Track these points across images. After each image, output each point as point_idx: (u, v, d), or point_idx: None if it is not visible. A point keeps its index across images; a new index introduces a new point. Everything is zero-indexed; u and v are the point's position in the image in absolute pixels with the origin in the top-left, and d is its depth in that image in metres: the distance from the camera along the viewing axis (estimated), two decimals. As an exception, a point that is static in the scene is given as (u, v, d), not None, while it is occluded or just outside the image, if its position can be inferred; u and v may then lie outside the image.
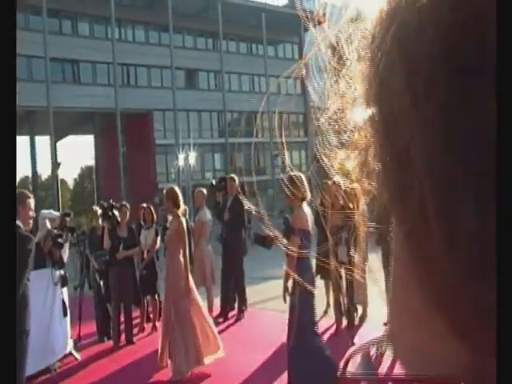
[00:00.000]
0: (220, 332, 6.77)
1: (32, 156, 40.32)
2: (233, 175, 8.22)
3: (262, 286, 8.84)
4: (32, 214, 4.49)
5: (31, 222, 4.52)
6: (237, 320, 7.97)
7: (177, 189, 5.80)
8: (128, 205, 7.73)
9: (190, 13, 38.59)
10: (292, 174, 0.98)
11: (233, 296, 8.26)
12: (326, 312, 7.48)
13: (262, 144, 45.04)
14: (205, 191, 8.02)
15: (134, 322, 7.66)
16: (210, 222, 8.00)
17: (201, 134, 40.95)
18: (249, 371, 5.49)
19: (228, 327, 7.70)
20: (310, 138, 48.53)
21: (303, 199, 4.54)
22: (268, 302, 8.42)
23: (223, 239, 8.18)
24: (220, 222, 8.30)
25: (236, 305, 8.22)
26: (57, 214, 6.80)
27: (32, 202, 4.44)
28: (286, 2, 54.92)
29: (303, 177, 3.86)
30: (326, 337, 6.47)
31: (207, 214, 7.93)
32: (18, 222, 3.93)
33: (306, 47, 47.68)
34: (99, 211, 7.77)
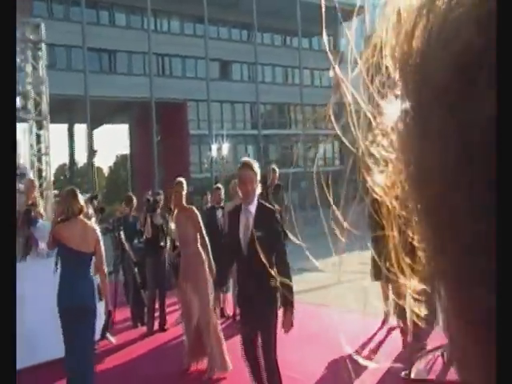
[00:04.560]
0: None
1: (70, 144, 41.19)
2: (274, 166, 8.55)
3: (296, 278, 8.85)
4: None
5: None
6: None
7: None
8: (162, 194, 7.85)
9: (225, 4, 38.61)
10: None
11: None
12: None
13: (295, 136, 44.90)
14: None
15: (168, 309, 7.80)
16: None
17: (234, 125, 41.06)
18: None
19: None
20: (344, 131, 48.07)
21: None
22: (302, 295, 8.44)
23: None
24: None
25: None
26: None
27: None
28: (322, -7, 54.40)
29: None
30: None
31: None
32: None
33: (341, 40, 47.37)
34: (134, 199, 7.91)
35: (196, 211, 5.85)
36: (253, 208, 3.85)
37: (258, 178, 3.88)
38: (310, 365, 5.42)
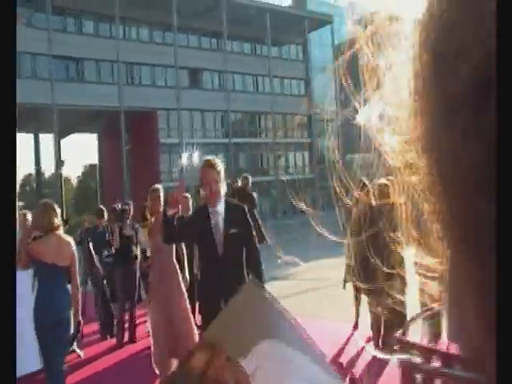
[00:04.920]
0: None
1: (36, 153, 40.43)
2: (246, 175, 9.18)
3: (268, 287, 8.88)
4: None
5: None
6: None
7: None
8: (131, 203, 7.76)
9: (195, 12, 38.62)
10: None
11: None
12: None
13: (266, 144, 45.08)
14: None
15: (137, 320, 7.68)
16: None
17: (204, 134, 41.00)
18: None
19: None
20: (313, 140, 48.52)
21: None
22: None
23: None
24: None
25: None
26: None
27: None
28: (290, 2, 54.98)
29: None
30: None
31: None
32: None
33: (309, 48, 47.88)
34: (104, 210, 7.79)
35: None
36: (220, 208, 3.66)
37: (222, 176, 3.69)
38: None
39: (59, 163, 34.46)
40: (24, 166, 61.27)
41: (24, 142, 38.82)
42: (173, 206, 3.63)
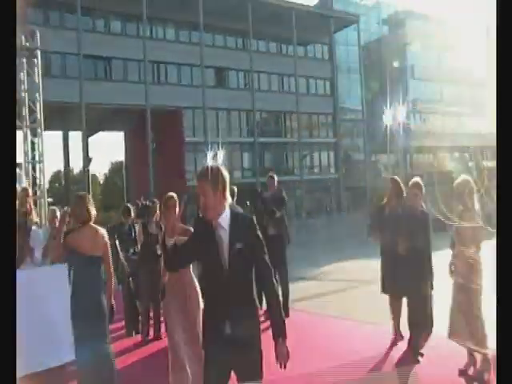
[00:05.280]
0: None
1: (65, 150, 41.08)
2: (272, 174, 8.75)
3: (295, 287, 8.80)
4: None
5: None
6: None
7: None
8: (157, 202, 7.78)
9: (221, 12, 38.74)
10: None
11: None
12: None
13: (291, 144, 44.99)
14: (235, 188, 8.02)
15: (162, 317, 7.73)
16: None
17: (230, 133, 41.11)
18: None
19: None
20: (338, 140, 48.23)
21: None
22: (301, 303, 8.40)
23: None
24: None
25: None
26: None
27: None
28: (317, 2, 54.73)
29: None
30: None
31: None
32: None
33: (335, 48, 47.43)
34: (132, 208, 7.86)
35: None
36: (223, 221, 3.17)
37: (222, 185, 3.11)
38: (309, 374, 5.37)
39: (87, 160, 34.99)
40: (53, 163, 62.38)
41: (53, 139, 39.48)
42: (170, 235, 3.33)
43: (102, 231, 4.79)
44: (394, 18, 56.83)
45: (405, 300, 5.89)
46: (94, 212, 4.70)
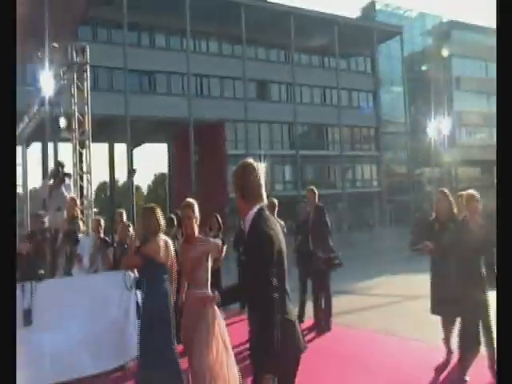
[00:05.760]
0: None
1: (110, 162, 42.09)
2: (312, 187, 8.43)
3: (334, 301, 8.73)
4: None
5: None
6: (319, 334, 7.76)
7: None
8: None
9: (263, 25, 39.10)
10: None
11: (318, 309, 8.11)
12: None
13: (333, 157, 44.74)
14: (275, 201, 8.03)
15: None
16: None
17: (271, 146, 41.24)
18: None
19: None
20: (381, 153, 47.67)
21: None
22: (338, 317, 8.32)
23: (303, 250, 8.17)
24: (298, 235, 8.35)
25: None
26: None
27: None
28: (359, 14, 54.52)
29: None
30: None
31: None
32: None
33: (378, 60, 46.97)
34: (175, 218, 8.00)
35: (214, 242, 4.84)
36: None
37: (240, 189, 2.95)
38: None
39: (131, 172, 35.72)
40: (99, 175, 63.88)
41: (100, 150, 40.49)
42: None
43: (170, 241, 5.09)
44: (438, 29, 55.97)
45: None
46: (163, 223, 4.96)
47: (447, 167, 49.51)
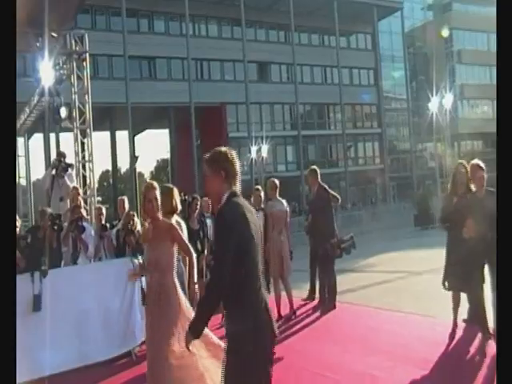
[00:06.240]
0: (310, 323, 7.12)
1: (112, 150, 42.04)
2: (314, 167, 8.19)
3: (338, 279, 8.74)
4: None
5: None
6: (323, 312, 7.78)
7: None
8: (199, 197, 7.79)
9: (262, 6, 38.72)
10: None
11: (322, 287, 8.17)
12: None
13: (335, 136, 44.58)
14: (277, 181, 7.94)
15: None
16: (279, 213, 7.70)
17: (273, 127, 41.11)
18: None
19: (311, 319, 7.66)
20: (383, 129, 47.43)
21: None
22: (343, 295, 8.35)
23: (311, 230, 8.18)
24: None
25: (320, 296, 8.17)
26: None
27: None
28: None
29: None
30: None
31: (277, 205, 7.69)
32: None
33: (378, 37, 46.38)
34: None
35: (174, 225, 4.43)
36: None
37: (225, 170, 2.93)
38: (351, 365, 5.34)
39: (134, 159, 35.71)
40: (101, 163, 63.92)
41: (101, 139, 40.47)
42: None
43: (183, 222, 5.15)
44: (439, 3, 55.25)
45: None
46: (179, 205, 4.67)
47: (450, 142, 49.25)
